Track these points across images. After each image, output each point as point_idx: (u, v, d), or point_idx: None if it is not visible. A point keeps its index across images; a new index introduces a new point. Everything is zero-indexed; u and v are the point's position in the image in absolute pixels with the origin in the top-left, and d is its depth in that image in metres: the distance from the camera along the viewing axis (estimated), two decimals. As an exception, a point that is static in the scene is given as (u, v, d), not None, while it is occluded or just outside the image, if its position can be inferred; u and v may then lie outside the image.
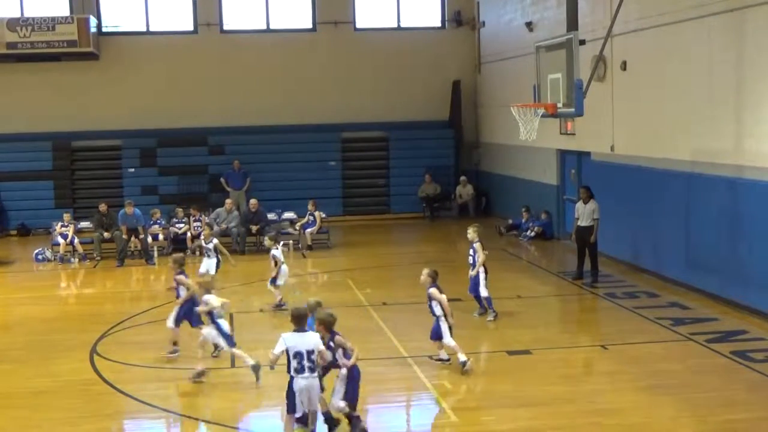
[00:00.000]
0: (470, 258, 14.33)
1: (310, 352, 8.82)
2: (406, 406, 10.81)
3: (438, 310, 11.65)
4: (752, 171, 13.98)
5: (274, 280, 15.42)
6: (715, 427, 9.45)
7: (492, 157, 27.26)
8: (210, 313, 11.44)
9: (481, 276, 14.18)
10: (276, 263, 15.38)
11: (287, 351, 8.89)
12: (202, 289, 11.70)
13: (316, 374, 8.93)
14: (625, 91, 18.22)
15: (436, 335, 11.75)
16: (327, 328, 9.37)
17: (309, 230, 21.78)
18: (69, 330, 14.40)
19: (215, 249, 16.58)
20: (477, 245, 14.18)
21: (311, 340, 8.93)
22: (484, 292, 14.26)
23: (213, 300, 11.45)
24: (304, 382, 8.84)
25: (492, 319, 14.24)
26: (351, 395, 9.42)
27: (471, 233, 14.31)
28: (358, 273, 18.33)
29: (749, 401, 10.22)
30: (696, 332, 13.05)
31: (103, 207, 21.40)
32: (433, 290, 11.60)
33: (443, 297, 11.62)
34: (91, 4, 26.66)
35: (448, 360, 11.79)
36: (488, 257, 14.31)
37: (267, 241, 16.38)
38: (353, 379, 9.46)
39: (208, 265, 16.44)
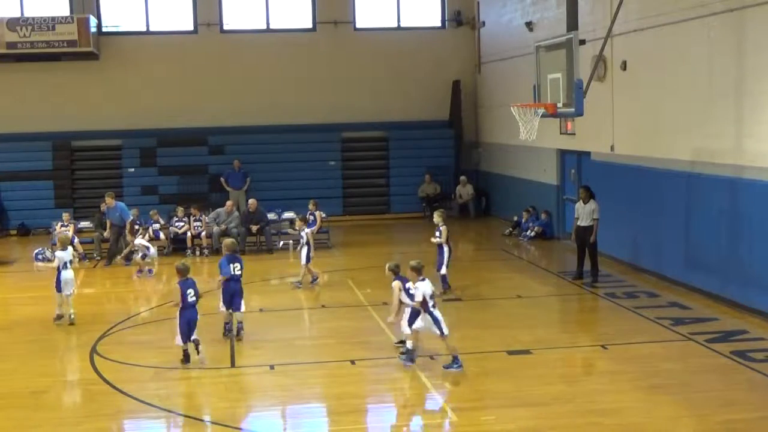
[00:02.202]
0: (436, 239, 15.80)
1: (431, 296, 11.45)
2: (406, 406, 10.80)
3: (405, 299, 12.07)
4: (752, 171, 13.98)
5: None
6: (715, 427, 9.44)
7: (492, 157, 27.26)
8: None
9: (445, 256, 15.70)
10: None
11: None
12: (60, 245, 14.94)
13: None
14: (625, 91, 18.22)
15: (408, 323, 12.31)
16: (179, 274, 12.10)
17: (309, 229, 21.73)
18: (69, 330, 14.40)
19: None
20: (443, 228, 15.73)
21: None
22: (443, 270, 15.71)
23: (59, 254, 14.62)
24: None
25: (438, 294, 14.99)
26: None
27: (437, 218, 15.93)
28: (358, 273, 18.33)
29: (749, 401, 10.21)
30: (696, 332, 13.05)
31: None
32: (395, 283, 12.23)
33: (395, 291, 12.14)
34: (91, 4, 26.67)
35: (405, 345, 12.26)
36: (489, 257, 14.41)
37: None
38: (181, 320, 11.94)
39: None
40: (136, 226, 20.25)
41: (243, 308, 13.38)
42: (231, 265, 13.31)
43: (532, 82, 16.23)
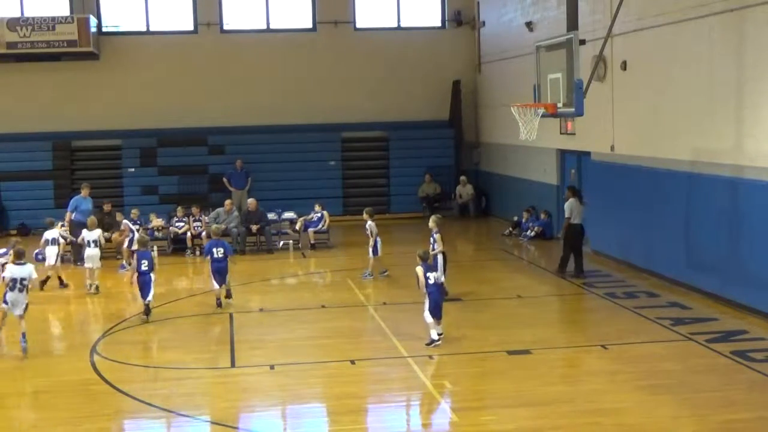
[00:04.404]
0: (430, 246, 15.14)
1: (23, 279, 12.48)
2: (406, 406, 10.81)
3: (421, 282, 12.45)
4: (752, 171, 13.98)
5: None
6: (715, 427, 9.44)
7: (492, 157, 27.26)
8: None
9: (439, 261, 14.95)
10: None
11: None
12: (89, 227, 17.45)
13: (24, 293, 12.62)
14: (625, 91, 18.22)
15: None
16: (139, 245, 14.95)
17: (312, 228, 21.76)
18: (69, 330, 14.40)
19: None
20: (437, 235, 15.12)
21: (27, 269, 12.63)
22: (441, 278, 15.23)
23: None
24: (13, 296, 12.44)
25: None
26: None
27: (431, 224, 15.43)
28: (359, 273, 18.30)
29: (749, 401, 10.21)
30: (696, 332, 13.04)
31: (107, 206, 21.32)
32: (418, 268, 12.48)
33: (420, 275, 12.44)
34: (91, 4, 26.67)
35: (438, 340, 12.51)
36: (489, 257, 14.39)
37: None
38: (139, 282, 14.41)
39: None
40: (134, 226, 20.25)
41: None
42: (215, 249, 15.26)
43: (532, 82, 16.23)
